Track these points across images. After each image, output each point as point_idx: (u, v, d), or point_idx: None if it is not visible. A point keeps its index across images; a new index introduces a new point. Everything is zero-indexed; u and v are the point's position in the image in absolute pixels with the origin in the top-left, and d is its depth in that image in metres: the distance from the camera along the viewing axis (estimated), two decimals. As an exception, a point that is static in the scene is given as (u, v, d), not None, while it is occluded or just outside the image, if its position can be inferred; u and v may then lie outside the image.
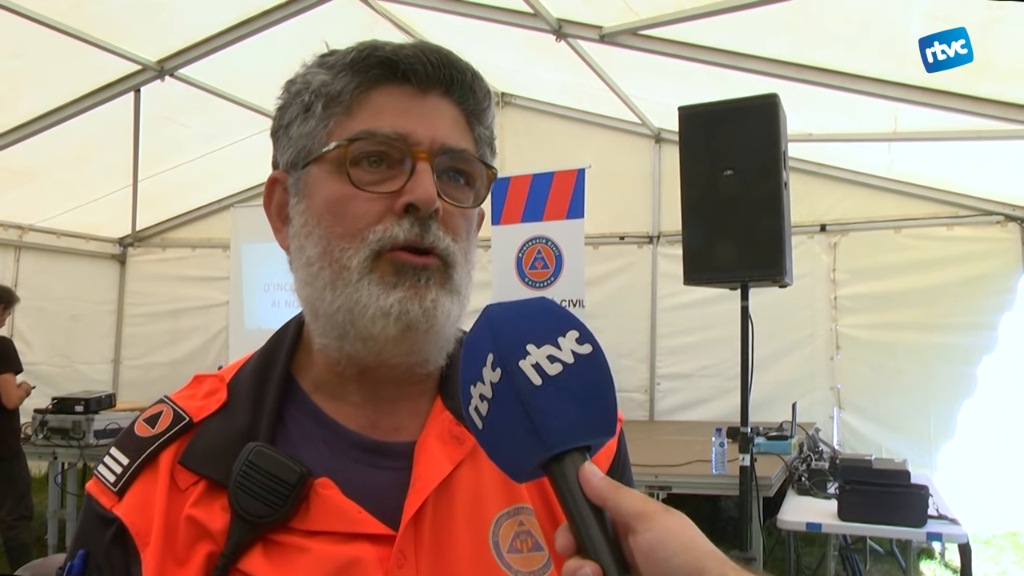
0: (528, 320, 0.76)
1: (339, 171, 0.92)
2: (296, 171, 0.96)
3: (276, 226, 1.02)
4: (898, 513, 4.18)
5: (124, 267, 9.72)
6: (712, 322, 7.43)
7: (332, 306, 0.92)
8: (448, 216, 0.94)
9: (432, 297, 0.91)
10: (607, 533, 0.70)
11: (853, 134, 6.73)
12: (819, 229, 7.74)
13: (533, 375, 0.72)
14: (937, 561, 6.40)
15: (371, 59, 0.92)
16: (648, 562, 0.67)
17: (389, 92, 0.93)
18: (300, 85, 0.96)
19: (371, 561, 0.87)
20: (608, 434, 0.75)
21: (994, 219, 7.19)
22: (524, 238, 6.82)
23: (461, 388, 0.78)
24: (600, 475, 0.71)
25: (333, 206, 0.92)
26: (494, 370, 0.73)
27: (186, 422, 0.96)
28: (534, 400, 0.71)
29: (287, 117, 0.97)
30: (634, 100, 7.55)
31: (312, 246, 0.93)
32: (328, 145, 0.92)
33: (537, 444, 0.71)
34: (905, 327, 7.32)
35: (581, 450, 0.73)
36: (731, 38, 5.41)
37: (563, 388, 0.72)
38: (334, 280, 0.92)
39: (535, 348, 0.73)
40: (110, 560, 0.91)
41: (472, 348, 0.77)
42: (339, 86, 0.92)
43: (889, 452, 6.73)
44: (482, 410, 0.75)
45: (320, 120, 0.93)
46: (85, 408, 6.18)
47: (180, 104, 7.00)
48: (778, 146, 4.05)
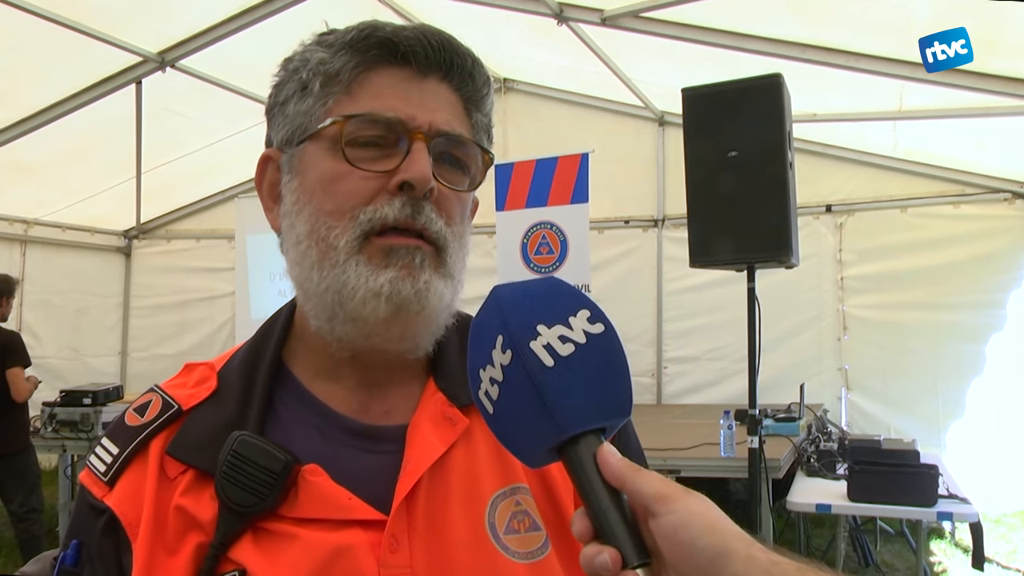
0: (538, 300, 0.74)
1: (334, 148, 0.91)
2: (290, 148, 0.95)
3: (267, 205, 1.00)
4: (908, 493, 4.18)
5: (129, 259, 9.73)
6: (718, 305, 7.42)
7: (320, 286, 0.91)
8: (442, 198, 0.93)
9: (425, 278, 0.90)
10: (626, 517, 0.68)
11: (858, 113, 6.69)
12: (825, 209, 7.71)
13: (545, 356, 0.70)
14: (948, 541, 6.40)
15: (371, 39, 0.91)
16: (671, 545, 0.65)
17: (389, 74, 0.92)
18: (298, 63, 0.95)
19: (362, 547, 0.86)
20: (624, 415, 0.73)
21: (1001, 196, 7.15)
22: (529, 224, 6.83)
23: (469, 372, 0.76)
24: (619, 456, 0.70)
25: (326, 183, 0.91)
26: (504, 352, 0.72)
27: (174, 410, 0.95)
28: (547, 381, 0.69)
29: (283, 94, 0.96)
30: (637, 83, 7.51)
31: (302, 223, 0.92)
32: (324, 121, 0.91)
33: (551, 426, 0.70)
34: (912, 306, 7.30)
35: (596, 432, 0.71)
36: (734, 18, 5.38)
37: (576, 368, 0.70)
38: (321, 259, 0.90)
39: (546, 328, 0.71)
40: (101, 551, 0.91)
41: (481, 330, 0.75)
42: (338, 65, 0.91)
43: (898, 432, 6.71)
44: (492, 394, 0.73)
45: (318, 98, 0.92)
46: (93, 400, 6.21)
47: (182, 95, 6.99)
48: (783, 127, 4.03)
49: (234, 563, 0.86)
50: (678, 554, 0.65)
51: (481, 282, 0.98)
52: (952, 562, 6.04)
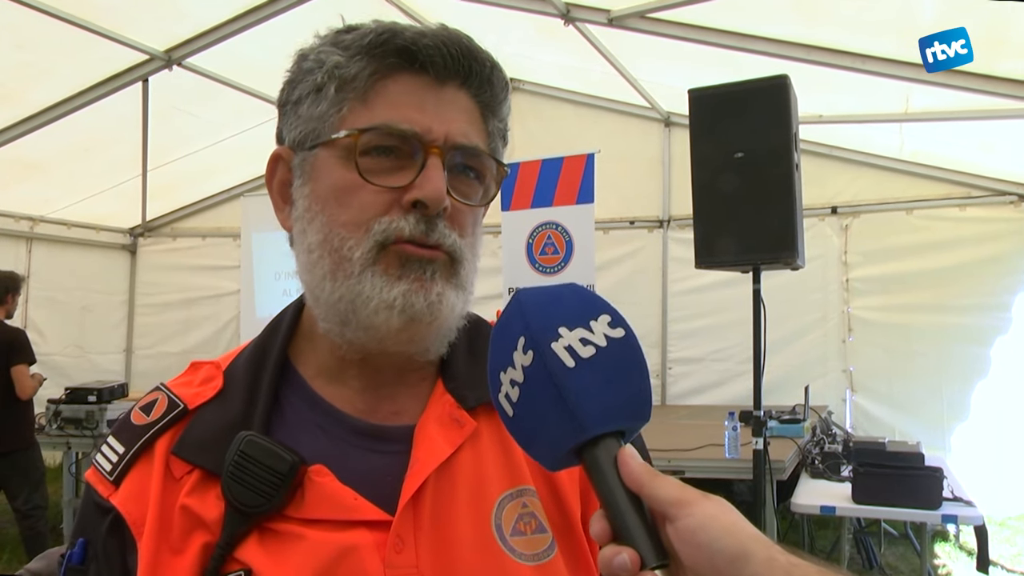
0: (559, 304, 0.75)
1: (348, 159, 0.90)
2: (303, 151, 0.94)
3: (278, 204, 0.99)
4: (912, 495, 4.17)
5: (135, 257, 9.76)
6: (723, 306, 7.42)
7: (333, 295, 0.91)
8: (456, 212, 0.92)
9: (438, 290, 0.90)
10: (645, 519, 0.68)
11: (864, 115, 6.68)
12: (830, 211, 7.71)
13: (566, 357, 0.70)
14: (952, 544, 6.39)
15: (389, 45, 0.89)
16: (689, 548, 0.65)
17: (405, 82, 0.91)
18: (312, 63, 0.93)
19: (368, 547, 0.86)
20: (643, 419, 0.73)
21: (1007, 199, 7.14)
22: (534, 224, 6.82)
23: (489, 375, 0.76)
24: (639, 460, 0.70)
25: (339, 194, 0.90)
26: (525, 353, 0.72)
27: (180, 409, 0.95)
28: (568, 382, 0.70)
29: (297, 93, 0.94)
30: (643, 84, 7.51)
31: (314, 232, 0.92)
32: (339, 132, 0.90)
33: (572, 428, 0.70)
34: (917, 309, 7.29)
35: (615, 435, 0.71)
36: (740, 19, 5.38)
37: (597, 370, 0.71)
38: (334, 270, 0.90)
39: (567, 331, 0.72)
40: (107, 549, 0.91)
41: (502, 333, 0.75)
42: (354, 70, 0.90)
43: (902, 434, 6.70)
44: (512, 396, 0.73)
45: (333, 104, 0.91)
46: (98, 398, 6.22)
47: (188, 93, 7.01)
48: (789, 128, 4.02)
49: (240, 563, 0.86)
50: (697, 557, 0.65)
51: (486, 282, 0.98)
52: (956, 565, 6.03)
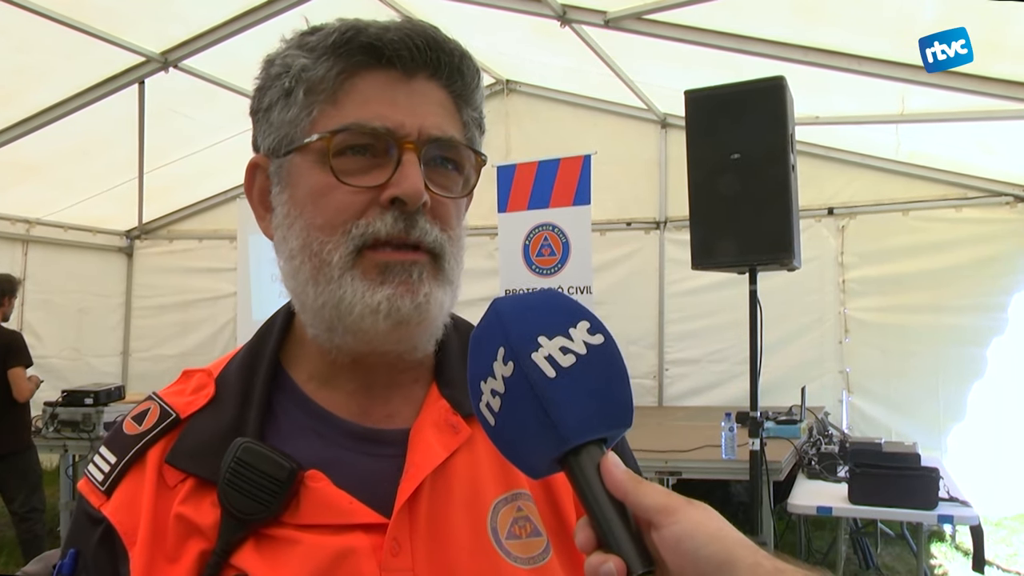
0: (538, 312, 0.74)
1: (322, 162, 0.89)
2: (278, 158, 0.93)
3: (259, 213, 0.98)
4: (909, 496, 4.18)
5: (131, 260, 9.74)
6: (720, 307, 7.41)
7: (316, 301, 0.90)
8: (437, 205, 0.91)
9: (425, 291, 0.89)
10: (629, 526, 0.68)
11: (861, 116, 6.68)
12: (827, 212, 7.72)
13: (547, 367, 0.70)
14: (948, 544, 6.40)
15: (354, 43, 0.88)
16: (675, 555, 0.65)
17: (374, 78, 0.89)
18: (279, 68, 0.92)
19: (364, 551, 0.86)
20: (625, 425, 0.73)
21: (1003, 200, 7.15)
22: (531, 225, 6.82)
23: (470, 384, 0.76)
24: (622, 468, 0.69)
25: (316, 197, 0.89)
26: (506, 364, 0.72)
27: (172, 418, 0.94)
28: (549, 392, 0.69)
29: (267, 99, 0.94)
30: (640, 85, 7.51)
31: (294, 238, 0.91)
32: (311, 136, 0.89)
33: (554, 438, 0.70)
34: (914, 310, 7.30)
35: (598, 443, 0.71)
36: (737, 21, 5.38)
37: (578, 379, 0.70)
38: (315, 275, 0.89)
39: (547, 340, 0.71)
40: (97, 560, 0.91)
41: (481, 343, 0.75)
42: (321, 72, 0.89)
43: (899, 435, 6.71)
44: (494, 406, 0.73)
45: (303, 108, 0.90)
46: (95, 401, 6.21)
47: (185, 96, 6.98)
48: (785, 129, 4.03)
49: (236, 569, 0.86)
50: (683, 564, 0.65)
51: (483, 284, 0.98)
52: (953, 565, 6.04)
